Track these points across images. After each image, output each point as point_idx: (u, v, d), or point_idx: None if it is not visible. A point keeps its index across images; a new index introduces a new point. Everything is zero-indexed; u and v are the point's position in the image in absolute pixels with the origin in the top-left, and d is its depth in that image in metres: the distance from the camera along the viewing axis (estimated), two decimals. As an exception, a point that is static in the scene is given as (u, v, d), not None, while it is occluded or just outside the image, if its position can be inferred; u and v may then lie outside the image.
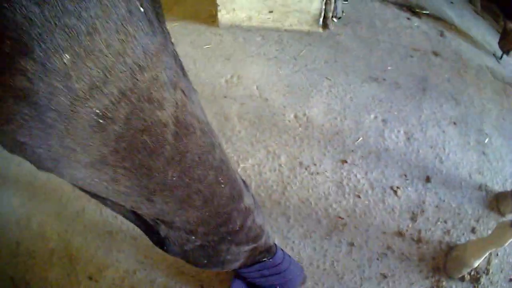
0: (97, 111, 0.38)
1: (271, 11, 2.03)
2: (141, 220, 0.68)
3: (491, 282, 1.23)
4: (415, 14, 2.38)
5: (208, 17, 2.18)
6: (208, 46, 2.01)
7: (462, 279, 1.22)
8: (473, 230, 1.35)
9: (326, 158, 1.52)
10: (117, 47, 0.37)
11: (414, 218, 1.36)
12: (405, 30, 2.23)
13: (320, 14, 2.04)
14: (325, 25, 2.10)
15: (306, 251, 1.26)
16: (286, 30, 2.11)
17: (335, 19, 2.17)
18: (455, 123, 1.71)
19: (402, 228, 1.33)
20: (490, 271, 1.24)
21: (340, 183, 1.45)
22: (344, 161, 1.52)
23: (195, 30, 2.11)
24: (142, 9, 0.40)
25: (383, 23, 2.26)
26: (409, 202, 1.41)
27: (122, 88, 0.39)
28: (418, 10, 2.41)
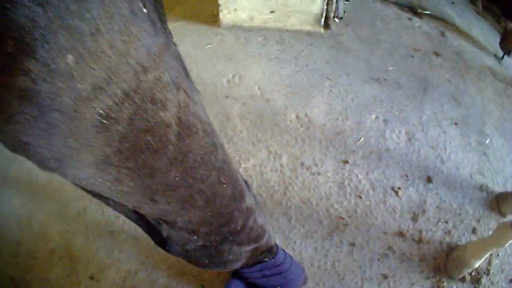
0: (100, 111, 0.38)
1: (273, 11, 2.04)
2: (143, 220, 0.68)
3: (492, 283, 1.22)
4: (416, 14, 2.39)
5: (210, 17, 2.18)
6: (209, 46, 2.01)
7: (463, 279, 1.22)
8: (474, 231, 1.35)
9: (327, 159, 1.52)
10: (120, 48, 0.37)
11: (415, 219, 1.36)
12: (406, 30, 2.23)
13: (322, 14, 2.04)
14: (326, 25, 2.10)
15: (308, 251, 1.26)
16: (287, 30, 2.11)
17: (336, 19, 2.17)
18: (456, 123, 1.71)
19: (403, 228, 1.33)
20: (491, 272, 1.24)
21: (342, 183, 1.45)
22: (346, 161, 1.52)
23: (197, 30, 2.11)
24: (145, 9, 0.40)
25: (385, 23, 2.26)
26: (410, 202, 1.41)
27: (126, 88, 0.39)
28: (419, 11, 2.41)
